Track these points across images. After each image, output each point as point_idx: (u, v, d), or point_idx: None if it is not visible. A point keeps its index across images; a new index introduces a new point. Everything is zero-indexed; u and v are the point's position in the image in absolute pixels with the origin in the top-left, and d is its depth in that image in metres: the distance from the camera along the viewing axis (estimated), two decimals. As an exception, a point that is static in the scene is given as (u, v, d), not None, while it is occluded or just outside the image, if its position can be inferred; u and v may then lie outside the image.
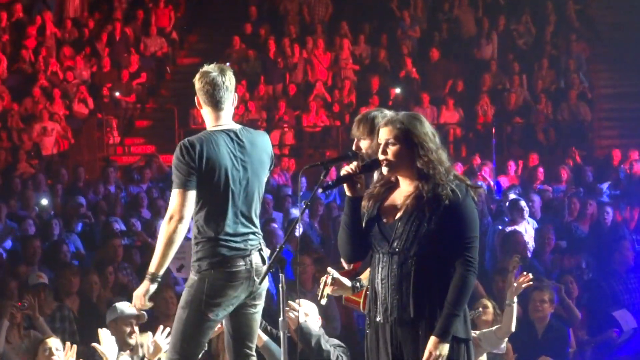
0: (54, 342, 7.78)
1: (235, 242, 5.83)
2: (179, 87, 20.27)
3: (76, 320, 9.53)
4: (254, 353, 6.07)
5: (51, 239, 12.04)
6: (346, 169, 5.17)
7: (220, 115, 5.91)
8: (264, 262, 5.91)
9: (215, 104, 5.89)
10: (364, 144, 5.60)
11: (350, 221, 5.19)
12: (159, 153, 17.32)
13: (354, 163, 5.17)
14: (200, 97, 5.92)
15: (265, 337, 7.44)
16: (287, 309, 7.14)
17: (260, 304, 6.01)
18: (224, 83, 5.88)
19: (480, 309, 8.28)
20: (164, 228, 5.74)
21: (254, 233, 5.92)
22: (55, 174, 16.76)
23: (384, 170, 5.14)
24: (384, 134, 5.10)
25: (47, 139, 18.28)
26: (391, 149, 5.07)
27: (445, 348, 4.94)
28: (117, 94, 20.03)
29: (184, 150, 5.75)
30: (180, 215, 5.70)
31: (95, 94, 19.82)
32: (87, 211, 13.99)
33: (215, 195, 5.79)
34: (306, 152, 18.59)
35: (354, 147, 5.62)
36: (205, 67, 5.91)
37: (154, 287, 5.81)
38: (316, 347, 7.50)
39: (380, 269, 5.11)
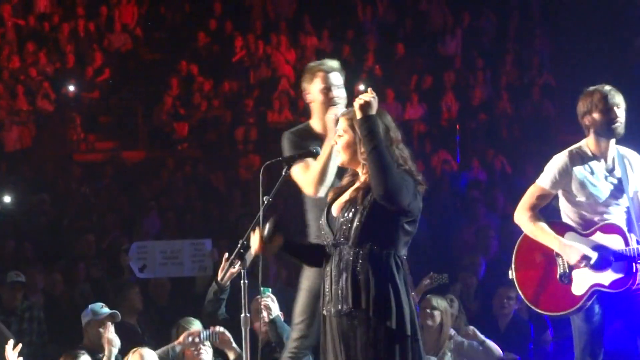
0: None
1: None
2: (143, 84, 20.16)
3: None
4: None
5: (15, 237, 11.99)
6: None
7: None
8: None
9: None
10: None
11: (302, 260, 5.55)
12: (121, 149, 17.23)
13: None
14: None
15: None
16: (263, 306, 7.15)
17: None
18: None
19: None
20: None
21: None
22: (18, 171, 16.64)
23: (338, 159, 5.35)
24: (339, 125, 5.31)
25: (10, 135, 18.11)
26: (340, 140, 5.27)
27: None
28: (80, 90, 19.89)
29: None
30: None
31: (59, 90, 19.67)
32: (51, 208, 13.94)
33: None
34: (270, 148, 18.54)
35: None
36: None
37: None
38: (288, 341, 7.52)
39: (327, 261, 5.20)
